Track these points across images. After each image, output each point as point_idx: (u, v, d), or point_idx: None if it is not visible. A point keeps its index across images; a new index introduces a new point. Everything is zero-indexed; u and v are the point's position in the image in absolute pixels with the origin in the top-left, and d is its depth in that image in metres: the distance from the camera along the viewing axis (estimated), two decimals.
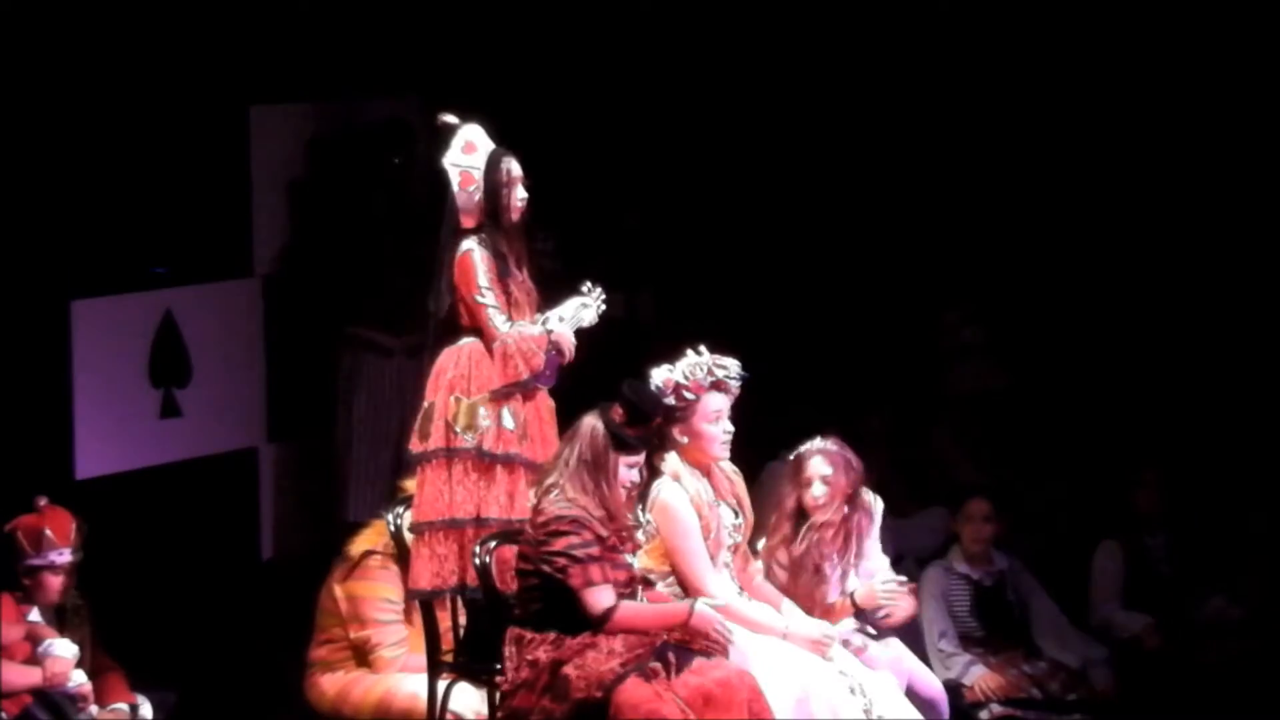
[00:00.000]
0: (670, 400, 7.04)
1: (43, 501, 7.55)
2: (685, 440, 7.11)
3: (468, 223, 7.27)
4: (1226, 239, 9.78)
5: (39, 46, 8.65)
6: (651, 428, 6.92)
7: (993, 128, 10.11)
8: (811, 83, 10.29)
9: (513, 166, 7.26)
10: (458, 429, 7.13)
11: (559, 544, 6.69)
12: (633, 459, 6.86)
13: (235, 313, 9.64)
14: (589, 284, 7.36)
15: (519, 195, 7.25)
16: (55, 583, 7.49)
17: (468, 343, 7.26)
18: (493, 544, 7.10)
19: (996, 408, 9.94)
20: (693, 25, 10.22)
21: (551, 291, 7.42)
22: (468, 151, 7.27)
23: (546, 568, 6.70)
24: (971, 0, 9.93)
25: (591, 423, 6.84)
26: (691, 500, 7.04)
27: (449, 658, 7.28)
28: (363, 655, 7.65)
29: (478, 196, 7.23)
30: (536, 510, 6.84)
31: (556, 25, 10.21)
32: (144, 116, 9.12)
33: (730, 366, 7.13)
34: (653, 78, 10.30)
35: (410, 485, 7.38)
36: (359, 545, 7.70)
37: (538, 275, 7.43)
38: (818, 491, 7.40)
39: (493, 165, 7.24)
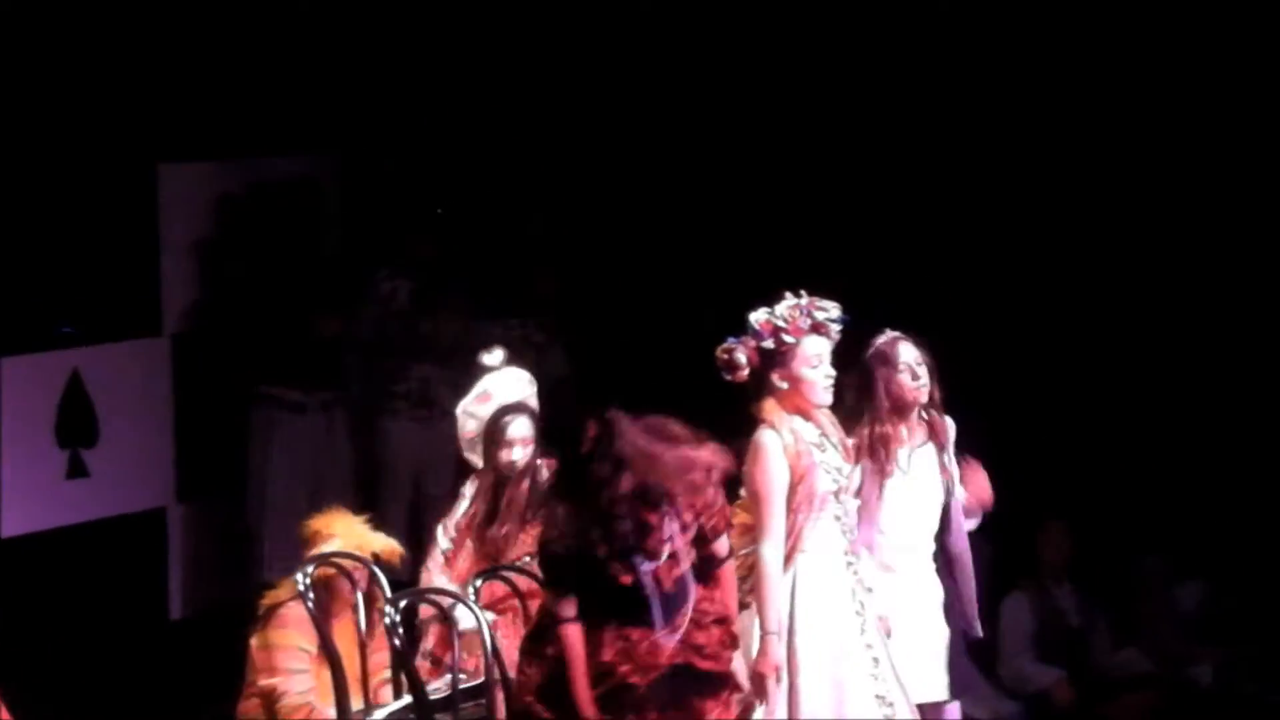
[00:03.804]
0: (769, 344, 6.86)
1: None
2: (785, 386, 6.86)
3: (474, 461, 7.37)
4: (1124, 292, 9.75)
5: None
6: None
7: (905, 198, 10.00)
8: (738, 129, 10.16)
9: (511, 426, 7.30)
10: None
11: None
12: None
13: (144, 372, 9.59)
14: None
15: (512, 455, 7.29)
16: None
17: None
18: (403, 602, 7.04)
19: None
20: (598, 69, 10.19)
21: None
22: (480, 401, 7.38)
23: None
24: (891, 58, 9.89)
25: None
26: (785, 449, 6.81)
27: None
28: (270, 704, 7.50)
29: (479, 446, 7.33)
30: None
31: (469, 80, 10.22)
32: (50, 174, 9.08)
33: (830, 309, 6.93)
34: (559, 133, 10.30)
35: (318, 525, 7.41)
36: (273, 595, 7.59)
37: None
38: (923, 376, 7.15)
39: (492, 422, 7.33)
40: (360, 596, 7.30)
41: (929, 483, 7.21)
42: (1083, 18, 9.51)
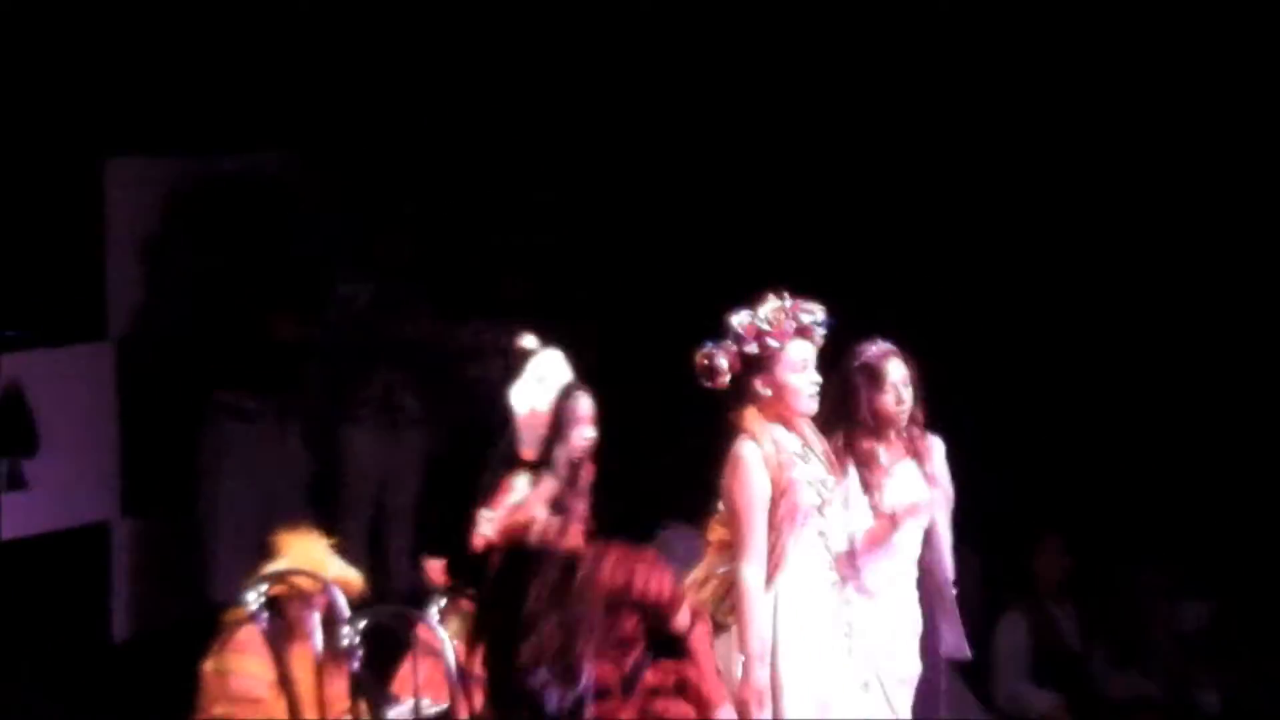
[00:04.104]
0: (752, 348, 6.66)
1: None
2: (768, 393, 6.68)
3: (527, 456, 7.03)
4: (1122, 305, 9.79)
5: None
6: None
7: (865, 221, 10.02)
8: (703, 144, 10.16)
9: (581, 404, 6.98)
10: None
11: None
12: None
13: (88, 378, 9.48)
14: None
15: (585, 434, 6.94)
16: None
17: None
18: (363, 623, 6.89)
19: None
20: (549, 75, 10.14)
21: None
22: (538, 384, 7.04)
23: None
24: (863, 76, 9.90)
25: None
26: (766, 461, 6.64)
27: None
28: None
29: (541, 432, 6.99)
30: None
31: (436, 77, 10.12)
32: None
33: (816, 312, 6.75)
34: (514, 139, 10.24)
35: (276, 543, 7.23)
36: (233, 614, 7.38)
37: None
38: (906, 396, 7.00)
39: (561, 402, 6.96)
40: (318, 618, 7.12)
41: (908, 498, 7.06)
42: (1065, 24, 9.57)
